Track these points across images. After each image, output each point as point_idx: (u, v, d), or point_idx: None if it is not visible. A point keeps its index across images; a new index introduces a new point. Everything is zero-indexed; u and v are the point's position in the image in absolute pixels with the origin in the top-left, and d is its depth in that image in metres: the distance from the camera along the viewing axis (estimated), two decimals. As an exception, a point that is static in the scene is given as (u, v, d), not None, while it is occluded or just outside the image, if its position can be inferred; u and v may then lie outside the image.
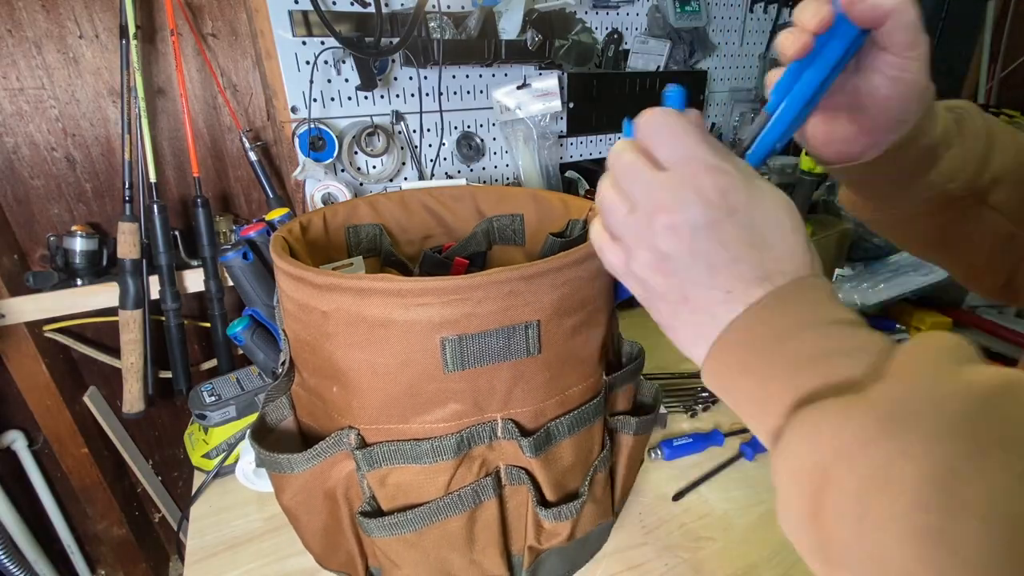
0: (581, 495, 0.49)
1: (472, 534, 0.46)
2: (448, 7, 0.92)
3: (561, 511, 0.47)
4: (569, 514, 0.47)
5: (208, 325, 0.92)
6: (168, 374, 0.91)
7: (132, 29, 0.75)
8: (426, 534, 0.45)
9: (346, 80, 0.88)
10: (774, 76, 0.34)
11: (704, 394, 0.83)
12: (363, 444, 0.43)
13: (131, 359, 0.83)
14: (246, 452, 0.66)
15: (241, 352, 0.75)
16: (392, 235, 0.65)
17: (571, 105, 1.09)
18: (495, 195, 0.67)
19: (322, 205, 0.89)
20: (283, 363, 0.48)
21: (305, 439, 0.50)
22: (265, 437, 0.48)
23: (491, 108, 1.03)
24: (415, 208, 0.66)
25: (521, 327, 0.40)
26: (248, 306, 0.61)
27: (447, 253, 0.66)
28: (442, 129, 1.00)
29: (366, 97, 0.91)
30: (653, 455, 0.72)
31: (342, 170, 0.92)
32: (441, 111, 0.98)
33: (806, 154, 1.17)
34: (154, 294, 0.84)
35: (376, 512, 0.45)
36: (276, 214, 0.65)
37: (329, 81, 0.87)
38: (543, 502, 0.47)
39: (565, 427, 0.46)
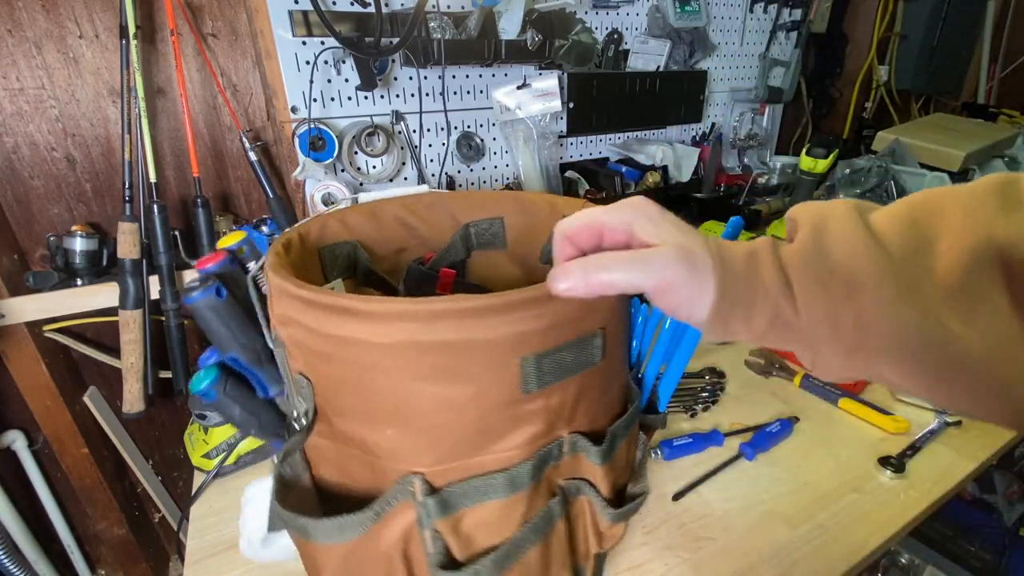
0: (643, 492, 0.48)
1: (547, 561, 0.43)
2: (448, 7, 0.92)
3: (624, 512, 0.46)
4: (630, 512, 0.46)
5: (208, 325, 0.93)
6: (168, 374, 0.91)
7: (132, 29, 0.75)
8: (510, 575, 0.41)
9: (346, 80, 0.88)
10: None
11: (704, 394, 0.83)
12: (431, 490, 0.38)
13: (131, 359, 0.83)
14: (249, 521, 0.57)
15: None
16: (367, 250, 0.60)
17: (571, 105, 1.09)
18: (468, 200, 0.63)
19: (322, 205, 0.89)
20: (307, 412, 0.42)
21: (326, 499, 0.44)
22: (287, 499, 0.41)
23: (491, 108, 1.03)
24: (386, 220, 0.61)
25: (589, 337, 0.39)
26: (225, 351, 0.52)
27: (428, 265, 0.63)
28: (444, 129, 1.00)
29: (366, 97, 0.91)
30: (653, 455, 0.72)
31: (342, 170, 0.92)
32: (446, 111, 0.98)
33: (806, 153, 1.17)
34: (154, 294, 0.84)
35: (452, 564, 0.40)
36: (232, 239, 0.56)
37: (329, 81, 0.87)
38: (609, 503, 0.46)
39: (623, 428, 0.45)
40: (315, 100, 0.86)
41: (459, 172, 1.05)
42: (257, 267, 0.50)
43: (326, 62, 0.85)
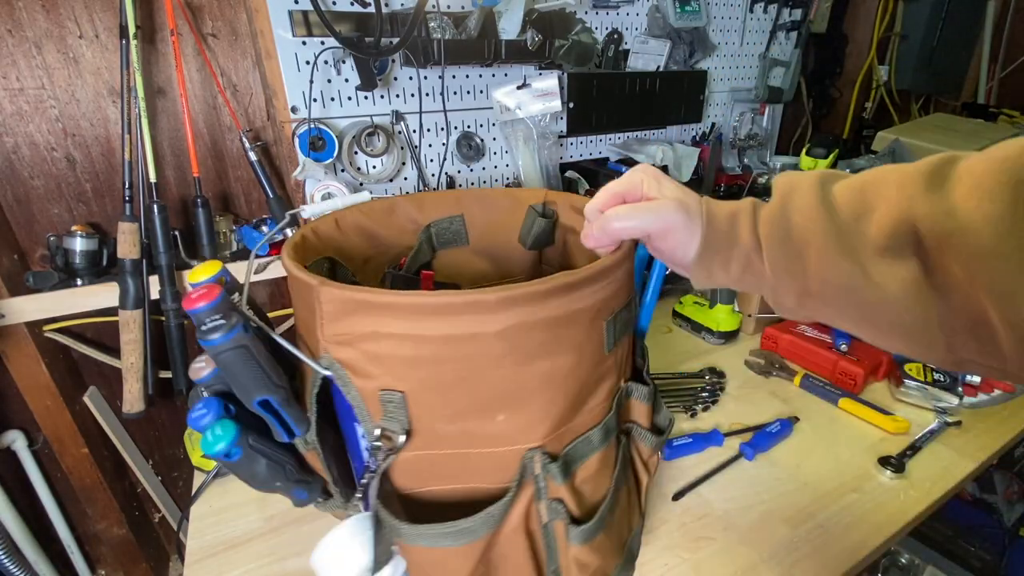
0: (670, 420, 0.53)
1: (630, 499, 0.49)
2: (448, 7, 0.92)
3: (663, 440, 0.51)
4: (666, 437, 0.52)
5: (208, 325, 0.92)
6: (168, 374, 0.91)
7: (132, 29, 0.75)
8: (617, 516, 0.46)
9: (346, 80, 0.88)
10: None
11: (704, 394, 0.83)
12: (552, 458, 0.41)
13: (131, 359, 0.83)
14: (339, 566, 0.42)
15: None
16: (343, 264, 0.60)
17: (571, 105, 1.09)
18: (425, 201, 0.64)
19: (323, 203, 0.89)
20: (403, 427, 0.40)
21: (412, 510, 0.43)
22: (390, 508, 0.40)
23: (491, 108, 1.03)
24: (349, 230, 0.60)
25: (634, 297, 0.46)
26: (253, 397, 0.44)
27: (403, 269, 0.63)
28: (444, 129, 1.00)
29: (366, 97, 0.91)
30: (653, 455, 0.72)
31: (342, 170, 0.92)
32: (446, 111, 0.98)
33: (806, 153, 1.17)
34: (154, 294, 0.84)
35: (575, 520, 0.43)
36: (207, 271, 0.45)
37: (329, 81, 0.87)
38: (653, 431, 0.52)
39: (649, 371, 0.51)
40: (315, 100, 0.86)
41: (459, 172, 1.05)
42: (243, 299, 0.45)
43: (326, 62, 0.85)
